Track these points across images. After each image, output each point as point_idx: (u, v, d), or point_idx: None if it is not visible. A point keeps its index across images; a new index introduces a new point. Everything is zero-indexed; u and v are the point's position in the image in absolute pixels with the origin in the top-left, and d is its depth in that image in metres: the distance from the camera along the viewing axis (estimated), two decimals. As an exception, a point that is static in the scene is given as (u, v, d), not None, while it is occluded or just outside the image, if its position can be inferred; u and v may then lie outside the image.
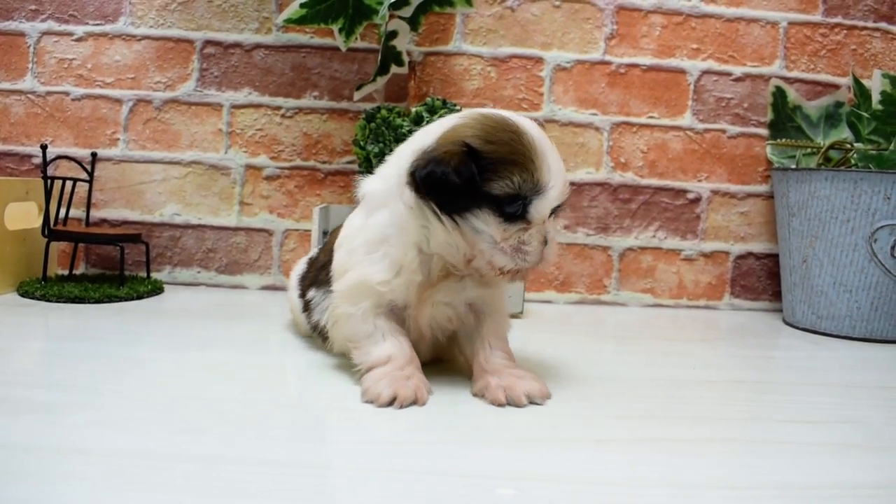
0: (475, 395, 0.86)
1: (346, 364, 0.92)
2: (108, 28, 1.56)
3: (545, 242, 0.83)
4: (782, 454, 0.74)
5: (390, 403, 0.80)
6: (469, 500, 0.58)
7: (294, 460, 0.65)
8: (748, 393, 1.00)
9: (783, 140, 1.58)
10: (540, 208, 0.81)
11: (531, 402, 0.84)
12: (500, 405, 0.83)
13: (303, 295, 1.06)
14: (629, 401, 0.90)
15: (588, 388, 0.94)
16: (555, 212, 0.85)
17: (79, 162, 1.49)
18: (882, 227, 1.34)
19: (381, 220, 0.86)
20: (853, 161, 1.46)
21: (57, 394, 0.81)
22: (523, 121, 0.83)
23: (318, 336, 1.02)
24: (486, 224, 0.81)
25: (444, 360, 0.97)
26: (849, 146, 1.48)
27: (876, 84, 1.45)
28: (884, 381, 1.09)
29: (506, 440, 0.73)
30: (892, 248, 1.34)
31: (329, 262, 0.95)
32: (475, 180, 0.78)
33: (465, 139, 0.80)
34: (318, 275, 1.01)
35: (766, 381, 1.09)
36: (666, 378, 1.04)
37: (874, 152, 1.40)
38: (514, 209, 0.80)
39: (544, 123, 1.60)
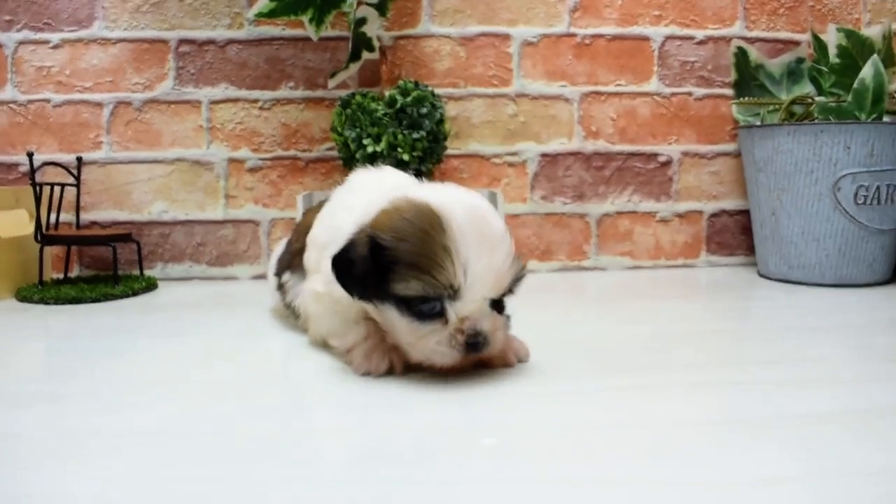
0: None
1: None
2: (83, 34, 1.60)
3: (476, 337, 0.78)
4: (749, 392, 0.79)
5: (389, 372, 0.85)
6: (455, 450, 0.63)
7: (287, 427, 0.70)
8: (719, 341, 1.06)
9: (746, 99, 1.63)
10: (458, 310, 0.76)
11: (519, 361, 0.89)
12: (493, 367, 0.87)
13: (278, 275, 1.11)
14: (606, 355, 0.96)
15: (567, 347, 0.99)
16: (499, 302, 0.81)
17: (65, 167, 1.53)
18: (844, 175, 1.40)
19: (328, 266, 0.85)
20: (814, 114, 1.50)
21: (60, 386, 0.85)
22: (453, 213, 0.76)
23: (290, 314, 1.07)
24: (397, 320, 0.79)
25: None
26: (810, 100, 1.53)
27: (831, 38, 1.50)
28: (847, 322, 1.15)
29: (489, 396, 0.78)
30: (855, 195, 1.40)
31: (303, 248, 0.99)
32: (372, 277, 0.77)
33: (376, 231, 0.77)
34: (292, 259, 1.05)
35: (736, 330, 1.15)
36: (643, 333, 1.09)
37: (833, 104, 1.45)
38: (426, 309, 0.77)
39: (515, 98, 1.65)
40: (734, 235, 1.73)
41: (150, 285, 1.50)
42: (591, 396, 0.78)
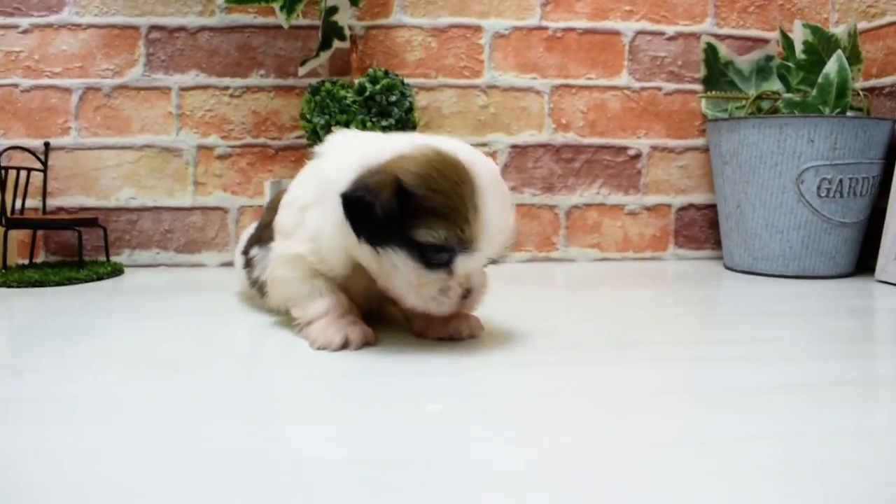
0: (417, 334, 0.92)
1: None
2: (52, 19, 1.59)
3: (467, 293, 0.82)
4: (702, 367, 0.80)
5: (343, 347, 0.85)
6: (402, 418, 0.63)
7: (243, 395, 0.70)
8: (679, 323, 1.07)
9: (714, 93, 1.65)
10: (467, 264, 0.79)
11: (470, 336, 0.90)
12: (447, 338, 0.89)
13: (246, 252, 1.10)
14: (569, 335, 0.96)
15: (532, 328, 0.99)
16: (492, 262, 0.84)
17: (32, 152, 1.52)
18: (807, 168, 1.41)
19: (316, 220, 0.86)
20: (781, 109, 1.52)
21: (21, 358, 0.85)
22: (478, 168, 0.78)
23: (257, 291, 1.05)
24: (403, 265, 0.79)
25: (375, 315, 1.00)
26: (776, 95, 1.55)
27: (798, 35, 1.51)
28: (805, 309, 1.16)
29: (441, 370, 0.78)
30: (818, 188, 1.42)
31: (272, 221, 0.98)
32: (394, 220, 0.76)
33: (401, 176, 0.76)
34: (261, 234, 1.03)
35: (697, 314, 1.16)
36: (607, 315, 1.10)
37: (798, 99, 1.47)
38: (437, 259, 0.78)
39: (486, 90, 1.66)
40: (702, 229, 1.75)
41: (116, 271, 1.49)
42: (549, 368, 0.79)
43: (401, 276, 0.80)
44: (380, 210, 0.75)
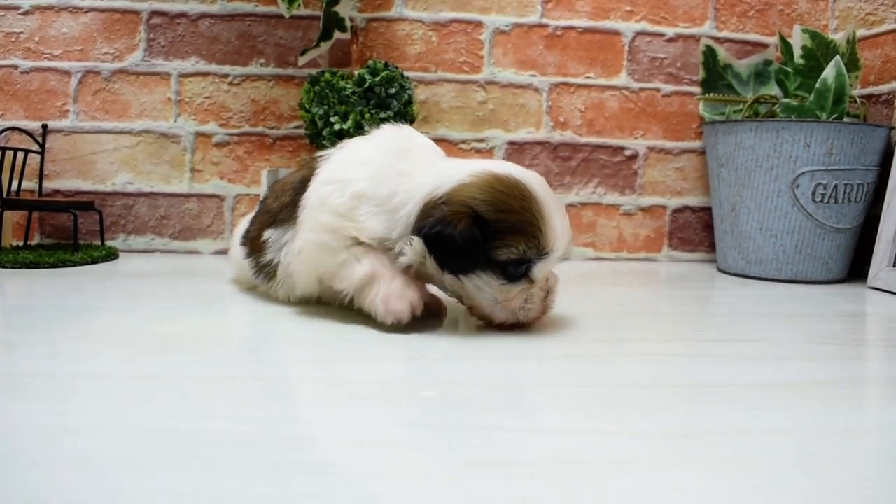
0: None
1: (295, 309, 0.98)
2: (54, 1, 1.59)
3: (546, 294, 0.90)
4: (688, 363, 0.81)
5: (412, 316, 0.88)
6: (395, 401, 0.64)
7: (233, 375, 0.70)
8: (670, 322, 1.07)
9: (712, 95, 1.66)
10: (544, 269, 0.86)
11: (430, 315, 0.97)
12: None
13: (257, 237, 1.05)
14: (556, 328, 0.97)
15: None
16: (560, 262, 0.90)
17: (30, 133, 1.52)
18: (803, 173, 1.42)
19: (380, 227, 0.88)
20: (778, 113, 1.53)
21: (14, 335, 0.85)
22: (533, 182, 0.85)
23: (262, 278, 1.05)
24: (488, 285, 0.85)
25: None
26: (774, 100, 1.56)
27: (796, 40, 1.52)
28: (796, 312, 1.17)
29: (436, 358, 0.79)
30: (813, 193, 1.42)
31: (288, 204, 0.97)
32: (478, 247, 0.82)
33: (472, 205, 0.82)
34: (276, 215, 1.01)
35: (688, 313, 1.17)
36: (599, 312, 1.10)
37: (795, 104, 1.48)
38: (517, 271, 0.84)
39: (485, 85, 1.66)
40: (696, 231, 1.75)
41: (111, 254, 1.49)
42: (542, 361, 0.79)
43: (486, 295, 0.87)
44: (460, 241, 0.81)
